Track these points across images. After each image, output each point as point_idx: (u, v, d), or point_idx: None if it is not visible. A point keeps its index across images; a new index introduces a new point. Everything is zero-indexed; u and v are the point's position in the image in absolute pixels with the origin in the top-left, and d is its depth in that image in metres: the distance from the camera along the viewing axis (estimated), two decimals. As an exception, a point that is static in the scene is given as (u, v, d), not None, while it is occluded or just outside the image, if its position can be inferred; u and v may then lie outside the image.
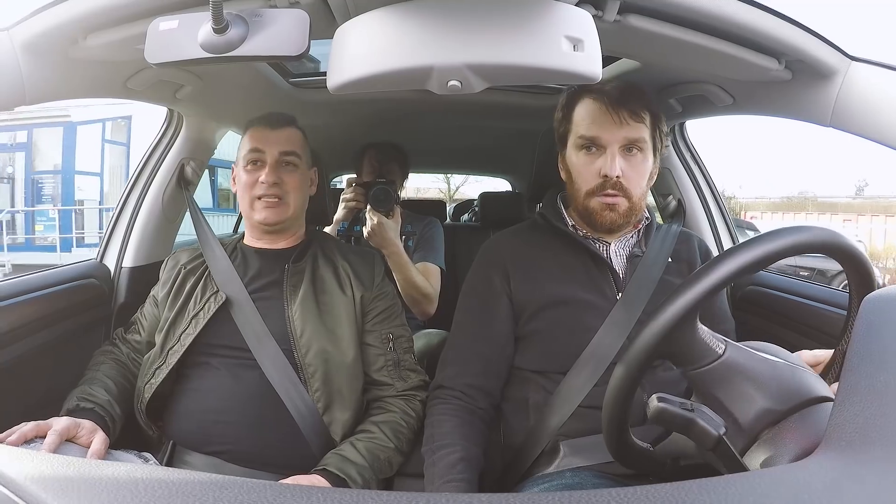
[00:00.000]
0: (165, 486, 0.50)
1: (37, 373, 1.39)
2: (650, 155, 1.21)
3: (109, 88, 1.26)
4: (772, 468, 0.67)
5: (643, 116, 1.19)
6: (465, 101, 1.38)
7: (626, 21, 0.92)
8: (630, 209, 1.20)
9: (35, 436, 1.04)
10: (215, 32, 0.71)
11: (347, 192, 1.94)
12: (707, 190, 1.85)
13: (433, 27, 0.74)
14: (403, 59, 0.74)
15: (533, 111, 2.04)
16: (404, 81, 0.78)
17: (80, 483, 0.51)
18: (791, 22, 0.95)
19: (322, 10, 0.88)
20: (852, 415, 0.54)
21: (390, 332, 1.36)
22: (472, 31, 0.74)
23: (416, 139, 2.63)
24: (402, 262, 1.83)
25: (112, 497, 0.49)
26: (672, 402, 0.73)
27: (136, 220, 1.74)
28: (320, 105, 1.95)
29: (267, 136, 1.34)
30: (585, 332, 1.16)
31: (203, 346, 1.26)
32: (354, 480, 1.14)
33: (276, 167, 1.33)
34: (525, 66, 0.75)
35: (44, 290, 1.43)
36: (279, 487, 0.51)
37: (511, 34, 0.74)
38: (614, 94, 1.18)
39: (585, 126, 1.20)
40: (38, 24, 0.95)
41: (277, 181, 1.32)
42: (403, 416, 1.29)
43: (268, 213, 1.33)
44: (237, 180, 1.37)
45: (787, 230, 0.77)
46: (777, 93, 1.17)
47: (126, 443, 1.24)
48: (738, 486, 0.50)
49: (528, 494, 0.55)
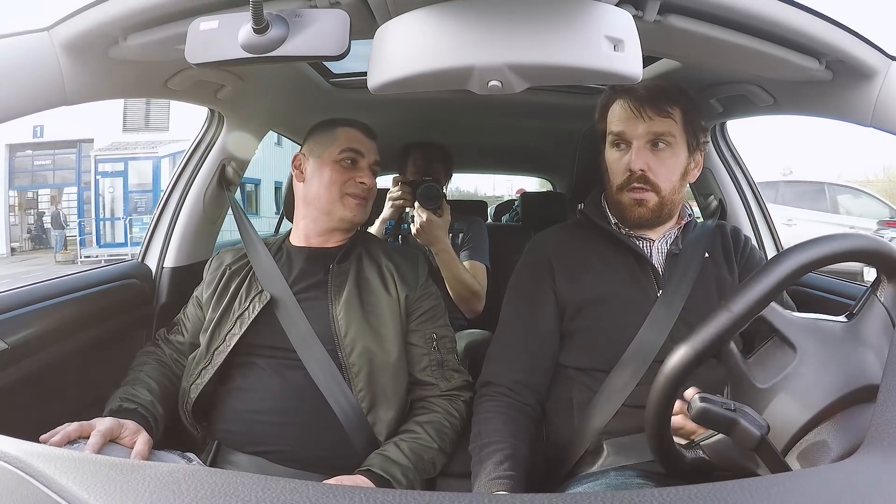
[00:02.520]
0: (209, 486, 0.50)
1: (79, 373, 1.40)
2: (680, 150, 1.21)
3: (150, 89, 1.27)
4: (814, 468, 0.66)
5: (670, 112, 1.19)
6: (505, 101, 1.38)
7: (667, 21, 0.92)
8: (660, 204, 1.21)
9: (78, 436, 1.05)
10: (255, 33, 0.71)
11: (394, 191, 1.92)
12: (749, 190, 1.83)
13: (474, 27, 0.73)
14: (444, 60, 0.74)
15: (573, 111, 2.04)
16: (445, 82, 0.77)
17: (123, 483, 0.51)
18: (831, 22, 0.94)
19: (362, 10, 0.88)
20: (894, 415, 0.54)
21: (434, 332, 1.36)
22: (512, 31, 0.74)
23: (456, 139, 2.63)
24: (451, 259, 1.82)
25: (156, 497, 0.49)
26: (715, 402, 0.74)
27: (177, 221, 1.75)
28: (360, 105, 1.95)
29: (364, 141, 1.40)
30: (628, 329, 1.16)
31: (248, 346, 1.27)
32: (398, 481, 1.14)
33: (368, 170, 1.37)
34: (565, 67, 0.75)
35: (86, 291, 1.45)
36: (322, 488, 0.51)
37: (551, 34, 0.74)
38: (640, 91, 1.20)
39: (614, 123, 1.23)
40: (79, 24, 0.96)
41: (372, 185, 1.37)
42: (447, 417, 1.29)
43: (357, 212, 1.36)
44: (320, 173, 1.37)
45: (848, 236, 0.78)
46: (817, 93, 1.16)
47: (169, 443, 1.24)
48: (781, 486, 0.50)
49: (572, 494, 0.54)
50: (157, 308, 1.69)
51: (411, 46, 0.76)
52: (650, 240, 1.26)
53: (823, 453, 0.69)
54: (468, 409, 1.30)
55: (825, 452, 0.69)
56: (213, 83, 1.46)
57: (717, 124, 1.76)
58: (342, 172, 1.35)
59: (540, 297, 1.25)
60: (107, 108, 15.56)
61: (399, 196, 1.90)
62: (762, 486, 0.49)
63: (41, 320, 1.29)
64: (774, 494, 0.47)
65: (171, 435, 1.28)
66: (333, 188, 1.34)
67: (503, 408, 1.18)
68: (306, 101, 1.81)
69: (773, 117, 1.43)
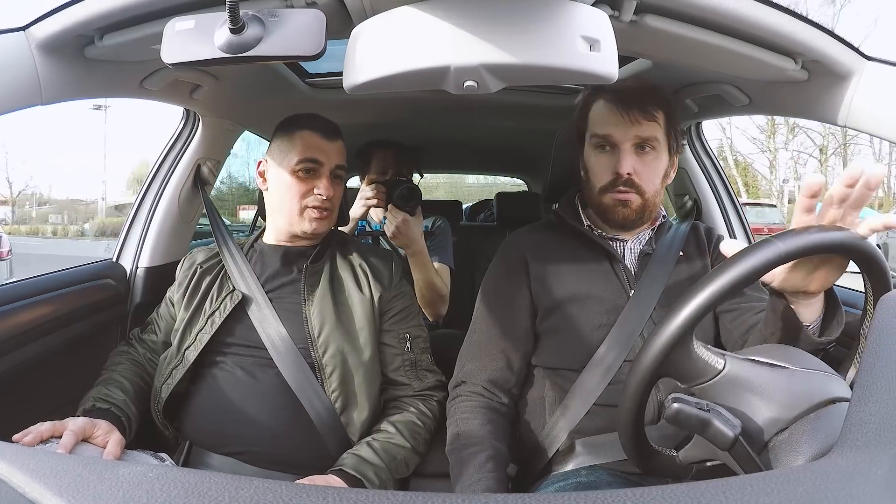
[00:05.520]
0: (181, 485, 0.50)
1: (53, 373, 1.39)
2: (664, 153, 1.22)
3: (126, 89, 1.26)
4: (788, 468, 0.66)
5: (656, 115, 1.19)
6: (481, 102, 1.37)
7: (643, 21, 0.92)
8: (643, 206, 1.21)
9: (51, 436, 1.04)
10: (232, 33, 0.71)
11: (368, 191, 1.87)
12: (723, 189, 1.84)
13: (449, 27, 0.73)
14: (419, 60, 0.74)
15: (549, 111, 2.04)
16: (420, 82, 0.77)
17: (95, 483, 0.51)
18: (807, 22, 0.95)
19: (338, 9, 0.88)
20: (868, 415, 0.54)
21: (407, 332, 1.36)
22: (488, 31, 0.74)
23: (432, 139, 2.63)
24: (426, 262, 1.80)
25: (127, 497, 0.49)
26: (688, 403, 0.73)
27: (152, 220, 1.74)
28: (336, 105, 1.94)
29: (323, 146, 1.33)
30: (601, 329, 1.17)
31: (220, 345, 1.27)
32: (371, 481, 1.14)
33: (329, 179, 1.32)
34: (541, 67, 0.75)
35: (59, 291, 1.44)
36: (295, 487, 0.51)
37: (527, 34, 0.74)
38: (627, 93, 1.20)
39: (599, 125, 1.22)
40: (55, 24, 0.95)
41: (332, 194, 1.32)
42: (420, 416, 1.29)
43: (318, 225, 1.32)
44: (280, 183, 1.34)
45: (802, 231, 0.76)
46: (793, 93, 1.17)
47: (142, 443, 1.24)
48: (755, 486, 0.49)
49: (544, 494, 0.54)
50: (132, 308, 1.69)
51: (387, 46, 0.76)
52: (623, 240, 1.27)
53: (798, 453, 0.69)
54: (441, 409, 1.31)
55: (799, 452, 0.69)
56: (188, 83, 1.45)
57: (693, 124, 1.77)
58: (300, 184, 1.31)
59: (515, 295, 1.25)
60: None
61: (374, 196, 1.85)
62: (736, 486, 0.49)
63: (14, 320, 1.28)
64: (748, 494, 0.47)
65: (144, 435, 1.27)
66: (294, 201, 1.31)
67: (480, 408, 1.18)
68: (282, 101, 1.80)
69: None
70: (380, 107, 2.03)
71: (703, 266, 1.26)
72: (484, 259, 2.51)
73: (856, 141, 24.30)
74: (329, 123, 1.36)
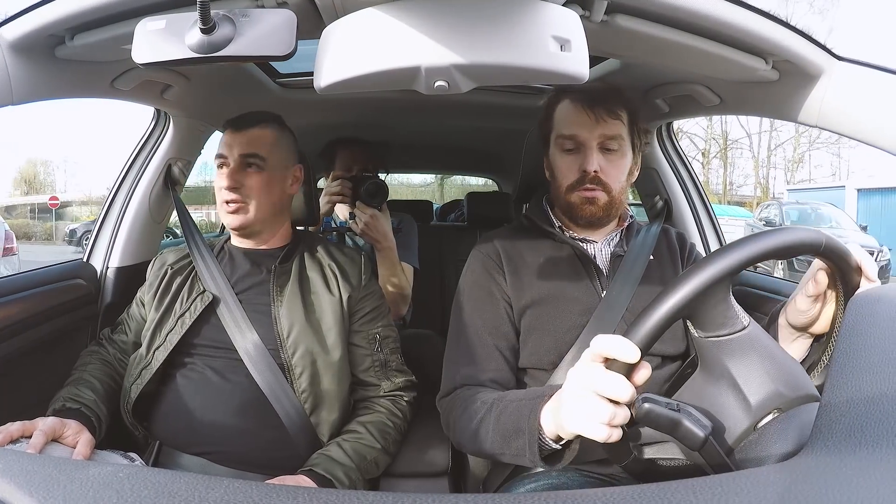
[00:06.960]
0: (150, 486, 0.50)
1: (23, 373, 1.38)
2: (628, 151, 1.24)
3: (96, 89, 1.25)
4: (758, 468, 0.67)
5: (620, 114, 1.21)
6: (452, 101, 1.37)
7: (614, 21, 0.93)
8: (609, 203, 1.22)
9: (21, 436, 1.03)
10: (203, 33, 0.71)
11: (333, 186, 1.84)
12: (693, 189, 1.85)
13: (420, 28, 0.73)
14: (390, 60, 0.74)
15: (520, 111, 2.05)
16: (391, 82, 0.77)
17: (65, 483, 0.51)
18: (778, 22, 0.96)
19: (309, 10, 0.88)
20: (838, 415, 0.54)
21: (377, 333, 1.36)
22: (459, 31, 0.74)
23: (404, 138, 2.63)
24: (395, 258, 1.77)
25: (97, 497, 0.49)
26: (659, 403, 0.73)
27: (122, 221, 1.73)
28: (307, 105, 1.95)
29: (231, 139, 1.33)
30: (572, 330, 1.17)
31: (189, 346, 1.26)
32: (341, 481, 1.14)
33: (237, 171, 1.30)
34: (512, 67, 0.75)
35: (29, 291, 1.43)
36: (265, 488, 0.51)
37: (498, 34, 0.74)
38: (591, 93, 1.21)
39: (565, 125, 1.23)
40: (25, 24, 0.95)
41: (237, 185, 1.29)
42: (390, 417, 1.29)
43: (230, 218, 1.32)
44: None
45: (780, 230, 0.78)
46: (764, 93, 1.18)
47: (112, 443, 1.23)
48: (724, 486, 0.50)
49: (514, 495, 0.55)
50: (102, 308, 1.68)
51: (357, 46, 0.76)
52: (593, 241, 1.27)
53: (768, 453, 0.69)
54: (411, 410, 1.31)
55: (769, 452, 0.69)
56: (159, 83, 1.45)
57: (664, 124, 1.78)
58: (217, 179, 1.32)
59: (497, 293, 1.24)
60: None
61: (338, 191, 1.82)
62: (706, 486, 0.49)
63: None
64: (719, 494, 0.47)
65: (114, 435, 1.26)
66: (217, 197, 1.33)
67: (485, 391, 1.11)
68: (253, 102, 1.79)
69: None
70: (351, 107, 2.03)
71: (673, 270, 1.27)
72: (454, 259, 2.50)
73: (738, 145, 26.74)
74: (249, 114, 1.36)
